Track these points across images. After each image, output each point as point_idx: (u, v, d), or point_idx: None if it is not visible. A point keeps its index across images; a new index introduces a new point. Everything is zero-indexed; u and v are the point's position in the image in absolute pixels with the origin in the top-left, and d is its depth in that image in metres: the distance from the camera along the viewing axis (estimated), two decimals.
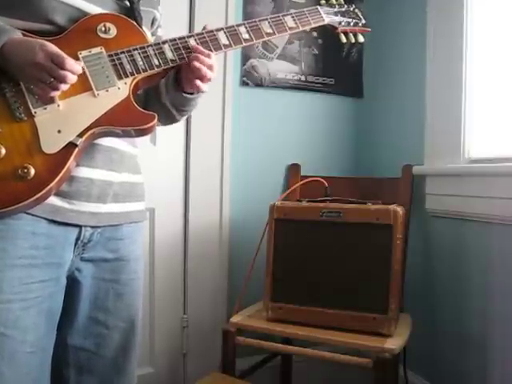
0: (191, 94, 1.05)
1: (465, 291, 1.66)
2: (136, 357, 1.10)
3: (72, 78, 0.86)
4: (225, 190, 1.95)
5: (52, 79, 0.84)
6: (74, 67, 0.86)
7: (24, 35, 0.87)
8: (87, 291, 1.01)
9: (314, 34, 2.09)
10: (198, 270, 1.92)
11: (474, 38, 1.70)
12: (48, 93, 0.86)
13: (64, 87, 0.87)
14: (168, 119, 1.14)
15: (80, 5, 0.93)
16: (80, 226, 0.96)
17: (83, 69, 0.90)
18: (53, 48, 0.85)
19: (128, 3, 1.00)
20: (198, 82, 1.00)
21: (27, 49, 0.84)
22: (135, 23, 0.98)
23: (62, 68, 0.84)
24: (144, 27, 1.01)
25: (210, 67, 0.99)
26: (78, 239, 0.96)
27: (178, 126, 1.86)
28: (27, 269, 0.88)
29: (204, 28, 1.02)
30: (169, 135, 1.82)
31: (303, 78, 2.09)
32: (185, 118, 1.16)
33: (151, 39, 1.09)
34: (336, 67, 2.14)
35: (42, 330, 0.92)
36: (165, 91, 1.07)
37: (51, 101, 0.88)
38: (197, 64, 0.98)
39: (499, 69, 1.68)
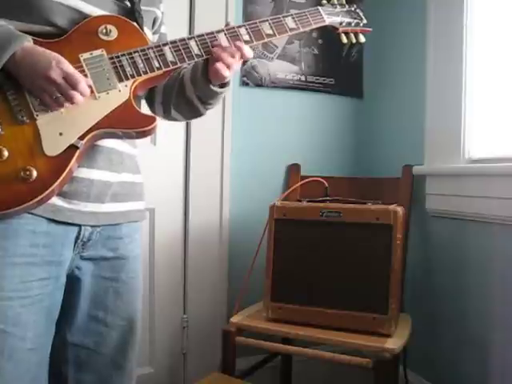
0: (218, 87, 1.06)
1: (465, 291, 1.66)
2: (135, 355, 1.11)
3: (80, 100, 0.88)
4: (225, 190, 1.95)
5: (60, 95, 0.86)
6: (85, 90, 0.88)
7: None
8: (87, 289, 1.01)
9: (314, 34, 2.09)
10: (198, 270, 1.92)
11: (474, 38, 1.70)
12: (52, 107, 0.88)
13: (68, 105, 0.88)
14: (192, 114, 1.14)
15: (80, 6, 0.93)
16: (80, 225, 0.96)
17: (84, 71, 0.91)
18: (69, 67, 0.87)
19: (129, 4, 1.00)
20: (219, 66, 0.99)
21: (43, 62, 0.85)
22: (136, 25, 0.98)
23: (75, 89, 0.86)
24: (145, 28, 1.01)
25: (232, 54, 1.00)
26: (77, 238, 0.97)
27: (178, 126, 1.87)
28: (27, 267, 0.89)
29: (227, 25, 1.03)
30: (169, 135, 1.82)
31: (303, 78, 2.09)
32: (209, 111, 1.15)
33: (153, 39, 1.09)
34: (336, 67, 2.14)
35: (42, 327, 0.93)
36: (191, 85, 1.08)
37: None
38: (218, 50, 0.99)
39: (499, 69, 1.68)
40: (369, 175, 2.08)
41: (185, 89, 1.09)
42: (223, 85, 1.07)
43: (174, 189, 1.89)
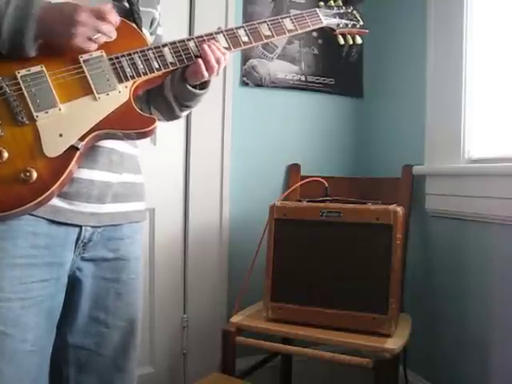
0: (195, 88, 1.05)
1: (465, 291, 1.66)
2: (136, 356, 1.11)
3: (114, 33, 0.91)
4: (225, 190, 1.95)
5: (94, 33, 0.87)
6: (116, 18, 0.90)
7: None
8: (88, 290, 1.01)
9: (314, 34, 2.09)
10: (198, 270, 1.92)
11: (474, 38, 1.70)
12: (90, 47, 0.89)
13: (105, 39, 0.90)
14: (169, 114, 1.14)
15: None
16: (80, 226, 0.96)
17: (84, 72, 0.91)
18: (90, 7, 0.87)
19: (127, 4, 1.01)
20: (202, 68, 0.99)
21: (67, 10, 0.86)
22: (135, 26, 0.98)
23: (105, 20, 0.88)
24: (143, 28, 1.02)
25: (218, 59, 1.00)
26: (78, 239, 0.97)
27: (178, 126, 1.87)
28: (27, 268, 0.89)
29: (219, 29, 1.03)
30: (169, 135, 1.82)
31: (303, 78, 2.09)
32: (185, 113, 1.15)
33: (151, 39, 1.09)
34: (336, 67, 2.14)
35: (42, 328, 0.93)
36: (169, 84, 1.07)
37: (54, 105, 0.88)
38: (206, 47, 0.99)
39: (500, 68, 1.68)
40: (369, 175, 2.08)
41: (163, 87, 1.09)
42: (202, 87, 1.06)
43: (173, 189, 1.89)
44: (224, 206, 1.95)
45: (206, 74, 1.00)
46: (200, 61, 0.99)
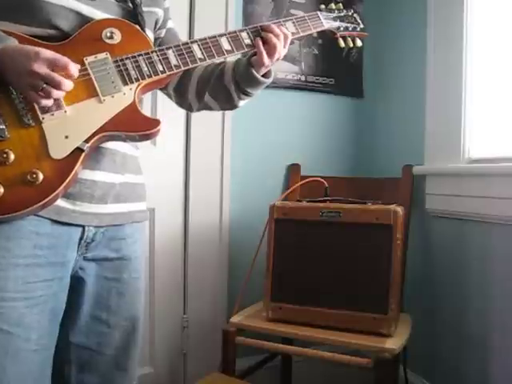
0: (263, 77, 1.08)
1: (465, 291, 1.66)
2: (137, 354, 1.11)
3: (70, 86, 0.87)
4: (225, 190, 1.95)
5: (46, 87, 0.83)
6: (76, 72, 0.87)
7: (28, 40, 0.87)
8: (90, 290, 1.02)
9: (314, 34, 2.09)
10: (198, 269, 1.92)
11: (474, 38, 1.70)
12: (40, 102, 0.85)
13: (60, 94, 0.86)
14: (226, 102, 1.16)
15: (82, 10, 0.94)
16: (83, 226, 0.96)
17: (89, 74, 0.91)
18: (49, 53, 0.84)
19: (131, 5, 1.01)
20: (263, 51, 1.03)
21: (22, 57, 0.83)
22: (139, 28, 0.99)
23: (65, 70, 0.85)
24: (147, 30, 1.02)
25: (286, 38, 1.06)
26: (81, 239, 0.97)
27: (178, 126, 1.87)
28: (31, 268, 0.89)
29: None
30: (169, 135, 1.82)
31: (303, 78, 2.09)
32: (243, 103, 1.17)
33: (155, 36, 1.11)
34: (336, 67, 2.14)
35: (46, 328, 0.93)
36: (231, 70, 1.10)
37: (59, 107, 0.88)
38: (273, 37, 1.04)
39: (499, 69, 1.68)
40: (369, 175, 2.08)
41: (224, 75, 1.11)
42: (265, 77, 1.10)
43: (174, 189, 1.89)
44: (224, 206, 1.95)
45: (265, 60, 1.04)
46: (262, 48, 1.03)
